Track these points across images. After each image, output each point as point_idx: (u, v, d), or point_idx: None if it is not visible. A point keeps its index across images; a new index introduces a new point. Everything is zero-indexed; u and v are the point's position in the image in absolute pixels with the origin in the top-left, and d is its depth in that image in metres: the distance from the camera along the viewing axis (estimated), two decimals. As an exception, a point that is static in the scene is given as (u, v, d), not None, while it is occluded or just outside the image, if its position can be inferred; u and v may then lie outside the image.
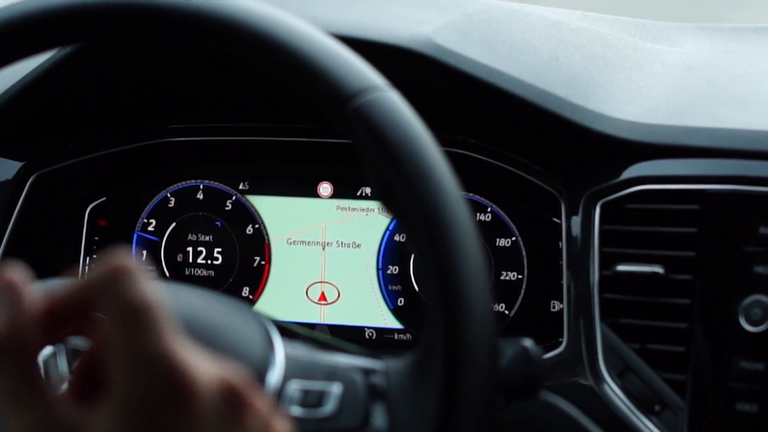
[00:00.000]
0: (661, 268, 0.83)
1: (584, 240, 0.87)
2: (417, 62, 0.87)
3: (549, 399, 0.88)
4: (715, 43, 1.07)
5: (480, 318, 0.56)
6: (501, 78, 0.86)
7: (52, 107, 1.00)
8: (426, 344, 0.59)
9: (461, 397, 0.56)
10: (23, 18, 0.63)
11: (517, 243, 1.00)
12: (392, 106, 0.59)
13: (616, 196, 0.86)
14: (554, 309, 0.98)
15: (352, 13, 0.93)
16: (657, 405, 0.83)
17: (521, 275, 1.00)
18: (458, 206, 0.57)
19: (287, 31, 0.61)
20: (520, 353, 0.62)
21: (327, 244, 1.04)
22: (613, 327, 0.85)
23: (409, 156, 0.58)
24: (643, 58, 0.98)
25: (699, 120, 0.86)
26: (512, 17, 0.96)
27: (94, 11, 0.63)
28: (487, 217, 1.01)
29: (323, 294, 1.04)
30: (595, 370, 0.85)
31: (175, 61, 0.96)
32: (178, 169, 1.08)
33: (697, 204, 0.83)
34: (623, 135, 0.86)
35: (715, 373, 0.80)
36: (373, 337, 1.03)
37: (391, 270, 1.03)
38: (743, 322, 0.80)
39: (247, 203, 1.06)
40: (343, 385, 0.61)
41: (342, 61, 0.60)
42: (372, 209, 1.03)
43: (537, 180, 0.94)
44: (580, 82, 0.89)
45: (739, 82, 0.94)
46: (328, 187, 1.05)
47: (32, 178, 1.01)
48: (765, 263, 0.80)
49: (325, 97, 0.60)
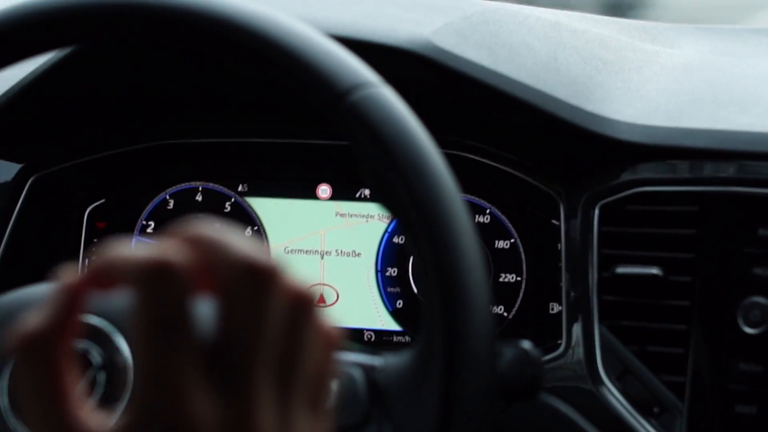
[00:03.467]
0: (660, 270, 0.83)
1: (583, 242, 0.87)
2: (416, 64, 0.86)
3: (548, 401, 0.88)
4: (714, 44, 1.07)
5: (479, 320, 0.56)
6: (500, 79, 0.86)
7: (51, 109, 1.00)
8: (425, 345, 0.59)
9: (460, 399, 0.56)
10: (22, 19, 0.63)
11: (515, 245, 1.00)
12: (386, 102, 0.59)
13: (615, 198, 0.86)
14: (553, 311, 0.98)
15: (351, 14, 0.93)
16: (656, 407, 0.83)
17: (520, 277, 1.00)
18: (456, 207, 0.57)
19: (279, 29, 0.61)
20: (519, 355, 0.62)
21: (326, 253, 1.04)
22: (612, 329, 0.85)
23: (406, 153, 0.58)
24: (642, 60, 0.98)
25: (698, 121, 0.86)
26: (511, 19, 0.96)
27: (93, 12, 0.63)
28: (485, 218, 1.01)
29: (322, 296, 1.04)
30: (593, 372, 0.85)
31: (174, 62, 0.96)
32: (177, 171, 1.08)
33: (697, 205, 0.82)
34: (622, 136, 0.86)
35: (714, 375, 0.80)
36: (372, 340, 1.03)
37: (390, 272, 1.03)
38: (742, 324, 0.80)
39: (246, 206, 1.06)
40: (342, 382, 0.61)
41: (334, 58, 0.60)
42: (372, 215, 1.03)
43: (536, 182, 0.94)
44: (579, 83, 0.89)
45: (739, 84, 0.94)
46: (326, 189, 1.04)
47: (31, 180, 1.01)
48: (764, 265, 0.80)
49: (319, 95, 0.60)
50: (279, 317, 0.42)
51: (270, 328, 0.41)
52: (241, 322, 0.41)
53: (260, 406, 0.41)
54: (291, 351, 0.42)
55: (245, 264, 0.41)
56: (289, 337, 0.42)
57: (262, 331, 0.41)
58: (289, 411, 0.42)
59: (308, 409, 0.43)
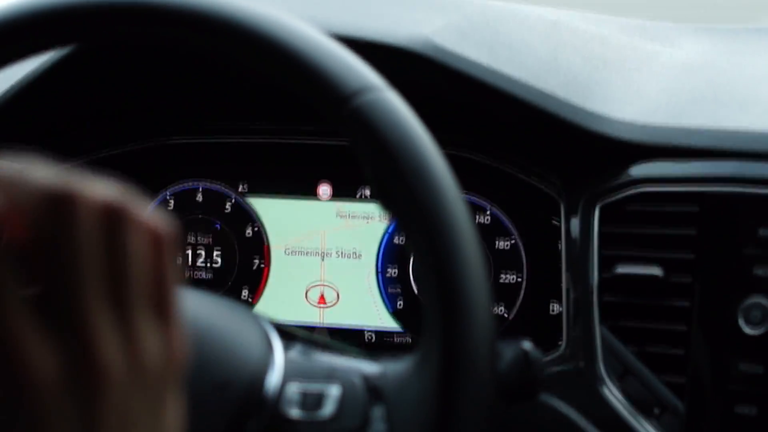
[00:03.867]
0: (661, 270, 0.83)
1: (583, 242, 0.87)
2: (416, 63, 0.86)
3: (548, 401, 0.88)
4: (714, 43, 1.07)
5: (479, 320, 0.56)
6: (500, 79, 0.86)
7: (51, 109, 1.00)
8: (425, 346, 0.59)
9: (460, 400, 0.55)
10: (22, 18, 0.63)
11: (516, 245, 1.00)
12: (391, 106, 0.59)
13: (616, 198, 0.86)
14: (553, 311, 0.98)
15: (352, 14, 0.93)
16: (656, 408, 0.83)
17: (520, 277, 1.00)
18: (457, 207, 0.57)
19: (285, 30, 0.61)
20: (520, 356, 0.62)
21: (326, 254, 1.04)
22: (612, 329, 0.85)
23: (408, 156, 0.58)
24: (642, 59, 0.98)
25: (698, 121, 0.86)
26: (511, 18, 0.96)
27: (93, 12, 0.63)
28: (486, 218, 1.01)
29: (322, 296, 1.04)
30: (594, 372, 0.85)
31: (174, 62, 0.96)
32: (177, 171, 1.08)
33: (697, 205, 0.82)
34: (622, 136, 0.86)
35: (714, 376, 0.80)
36: (372, 340, 1.03)
37: (391, 272, 1.03)
38: (743, 325, 0.80)
39: (247, 205, 1.06)
40: (342, 387, 0.61)
41: (340, 60, 0.60)
42: (372, 216, 1.03)
43: (536, 181, 0.94)
44: (579, 82, 0.89)
45: (739, 83, 0.94)
46: (327, 188, 1.04)
47: (31, 180, 1.01)
48: (764, 265, 0.79)
49: (323, 98, 0.60)
50: (91, 236, 0.39)
51: (85, 251, 0.39)
52: (55, 255, 0.39)
53: (100, 334, 0.39)
54: (116, 266, 0.40)
55: (41, 195, 0.39)
56: (109, 253, 0.40)
57: (77, 257, 0.39)
58: (133, 328, 0.40)
59: (155, 318, 0.42)
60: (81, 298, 0.39)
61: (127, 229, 0.41)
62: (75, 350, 0.38)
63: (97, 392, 0.39)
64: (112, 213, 0.40)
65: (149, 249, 0.41)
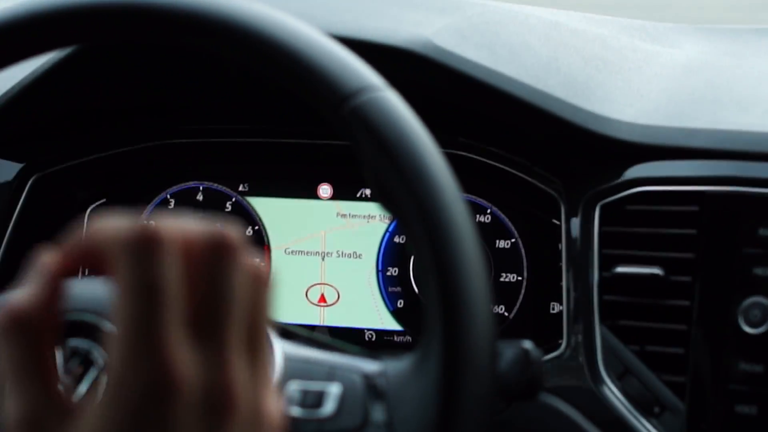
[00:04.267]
0: (661, 270, 0.83)
1: (584, 242, 0.87)
2: (416, 64, 0.87)
3: (548, 401, 0.88)
4: (714, 44, 1.07)
5: (479, 320, 0.56)
6: (500, 79, 0.86)
7: (52, 109, 1.00)
8: (425, 345, 0.59)
9: (461, 400, 0.56)
10: (21, 19, 0.63)
11: (516, 244, 1.00)
12: (390, 106, 0.59)
13: (616, 198, 0.86)
14: (554, 311, 0.98)
15: (352, 15, 0.93)
16: (656, 407, 0.83)
17: (521, 277, 1.00)
18: (457, 207, 0.57)
19: (284, 30, 0.61)
20: (520, 355, 0.62)
21: (327, 254, 1.04)
22: (612, 329, 0.85)
23: (408, 156, 0.58)
24: (642, 60, 0.98)
25: (698, 121, 0.86)
26: (511, 19, 0.96)
27: (93, 12, 0.63)
28: (486, 218, 1.01)
29: (323, 296, 1.04)
30: (594, 371, 0.85)
31: (175, 62, 0.96)
32: (178, 171, 1.08)
33: (697, 205, 0.82)
34: (623, 136, 0.86)
35: (714, 375, 0.80)
36: (372, 339, 1.03)
37: (391, 272, 1.03)
38: (742, 324, 0.80)
39: (247, 205, 1.06)
40: (342, 385, 0.61)
41: (339, 60, 0.60)
42: (373, 216, 1.03)
43: (536, 181, 0.94)
44: (579, 83, 0.89)
45: (739, 84, 0.94)
46: (327, 189, 1.04)
47: (32, 180, 1.01)
48: (764, 265, 0.80)
49: (322, 98, 0.60)
50: (238, 277, 0.44)
51: (234, 288, 0.44)
52: (214, 286, 0.43)
53: (234, 360, 0.43)
54: (253, 307, 0.44)
55: (211, 238, 0.44)
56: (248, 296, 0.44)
57: (230, 293, 0.43)
58: (254, 362, 0.44)
59: (250, 356, 0.45)
60: (226, 325, 0.43)
61: (234, 266, 0.44)
62: (213, 368, 0.42)
63: (224, 415, 0.42)
64: (221, 250, 0.44)
65: (254, 289, 0.45)
